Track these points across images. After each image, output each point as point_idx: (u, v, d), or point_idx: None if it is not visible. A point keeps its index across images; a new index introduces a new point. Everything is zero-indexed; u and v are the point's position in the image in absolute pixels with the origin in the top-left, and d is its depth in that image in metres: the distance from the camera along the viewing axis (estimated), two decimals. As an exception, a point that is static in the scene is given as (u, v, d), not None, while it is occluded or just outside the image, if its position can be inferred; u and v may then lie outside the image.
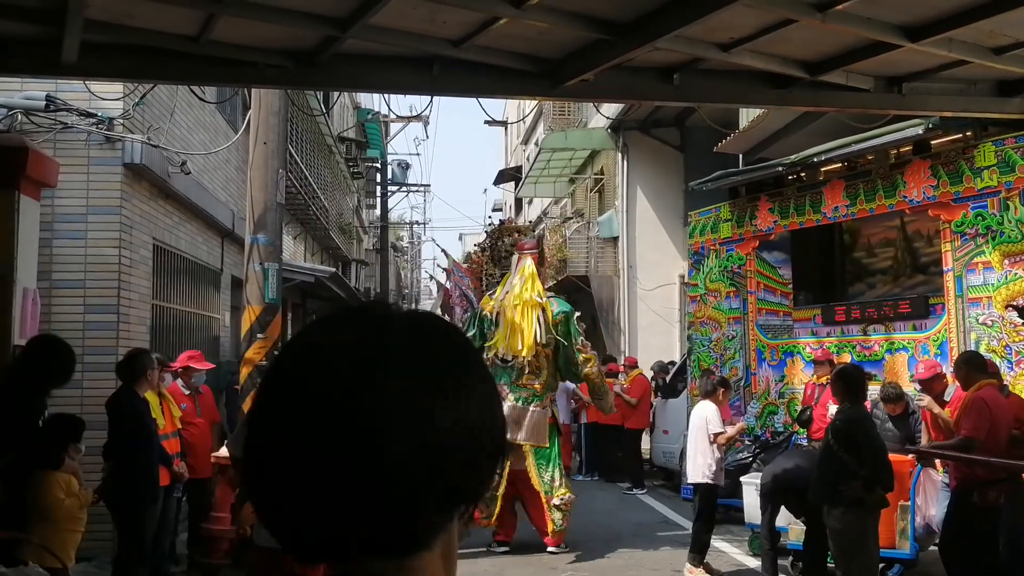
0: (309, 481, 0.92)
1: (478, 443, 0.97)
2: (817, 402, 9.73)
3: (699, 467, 8.70)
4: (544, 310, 9.97)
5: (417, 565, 0.97)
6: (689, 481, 8.97)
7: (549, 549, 9.72)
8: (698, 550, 8.62)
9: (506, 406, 9.52)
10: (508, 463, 9.62)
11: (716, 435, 8.63)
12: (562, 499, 9.76)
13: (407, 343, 0.98)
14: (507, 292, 10.12)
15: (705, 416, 8.76)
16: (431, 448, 0.93)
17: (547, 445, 9.95)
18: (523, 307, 9.87)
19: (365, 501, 0.91)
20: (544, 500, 9.76)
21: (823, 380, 9.80)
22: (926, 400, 7.90)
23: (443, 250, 15.81)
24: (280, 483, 0.94)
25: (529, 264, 10.32)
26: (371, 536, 0.94)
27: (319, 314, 1.25)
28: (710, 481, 8.67)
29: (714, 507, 8.82)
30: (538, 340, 9.82)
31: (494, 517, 9.75)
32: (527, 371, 10.03)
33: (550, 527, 9.73)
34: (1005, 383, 7.54)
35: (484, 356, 9.11)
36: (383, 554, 0.96)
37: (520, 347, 9.77)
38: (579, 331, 10.38)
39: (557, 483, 9.84)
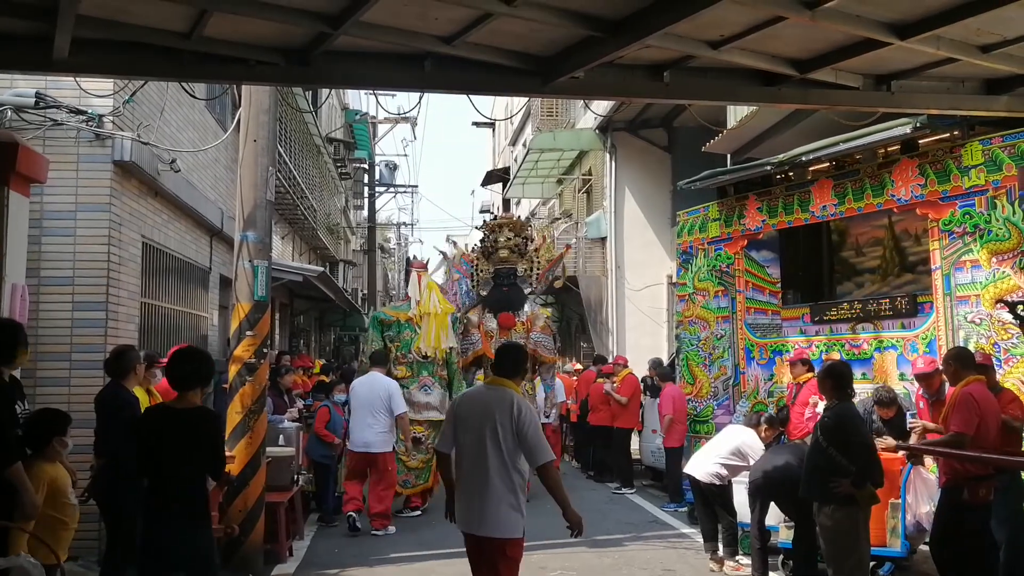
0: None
1: (209, 374, 5.72)
2: (795, 401, 9.75)
3: (710, 471, 8.79)
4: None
5: (192, 393, 5.39)
6: (697, 478, 8.91)
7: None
8: (735, 542, 8.76)
9: (436, 395, 12.33)
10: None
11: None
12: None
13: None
14: (421, 303, 12.39)
15: (744, 441, 8.73)
16: (197, 373, 5.51)
17: None
18: (440, 317, 12.28)
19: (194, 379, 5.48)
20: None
21: (800, 380, 9.90)
22: (919, 426, 7.90)
23: (450, 243, 16.25)
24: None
25: (427, 279, 12.82)
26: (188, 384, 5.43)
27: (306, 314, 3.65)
28: (718, 483, 8.80)
29: (730, 500, 8.94)
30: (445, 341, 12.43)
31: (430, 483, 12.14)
32: (439, 365, 12.55)
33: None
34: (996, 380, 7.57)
35: (399, 355, 12.34)
36: (191, 389, 5.40)
37: (436, 347, 12.29)
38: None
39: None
